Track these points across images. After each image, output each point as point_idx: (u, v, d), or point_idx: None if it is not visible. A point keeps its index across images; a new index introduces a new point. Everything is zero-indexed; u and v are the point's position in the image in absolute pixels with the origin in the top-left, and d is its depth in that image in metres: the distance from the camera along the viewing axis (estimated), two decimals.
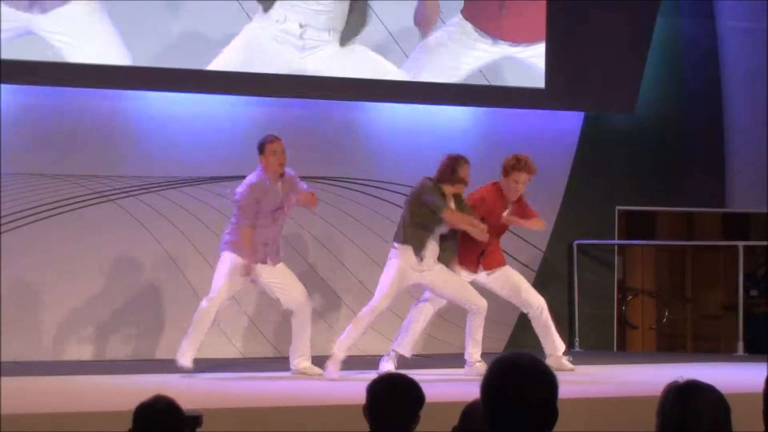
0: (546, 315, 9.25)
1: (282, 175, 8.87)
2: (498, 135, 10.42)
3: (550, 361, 8.56)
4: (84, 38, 10.45)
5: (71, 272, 10.42)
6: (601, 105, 11.80)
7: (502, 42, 11.23)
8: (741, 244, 11.59)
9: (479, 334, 9.03)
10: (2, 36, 10.02)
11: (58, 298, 10.38)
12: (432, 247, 8.92)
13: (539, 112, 11.55)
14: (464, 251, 9.10)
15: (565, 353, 9.20)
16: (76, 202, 10.46)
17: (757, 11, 12.28)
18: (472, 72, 11.28)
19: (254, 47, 10.88)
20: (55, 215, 10.40)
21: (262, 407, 7.49)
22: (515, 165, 9.04)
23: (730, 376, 7.39)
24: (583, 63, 11.51)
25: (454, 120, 11.05)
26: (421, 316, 9.06)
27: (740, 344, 11.28)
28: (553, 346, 9.12)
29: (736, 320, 11.43)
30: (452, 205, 8.93)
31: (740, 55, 12.37)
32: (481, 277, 9.25)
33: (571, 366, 8.99)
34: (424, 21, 11.01)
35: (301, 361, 8.91)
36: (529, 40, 11.31)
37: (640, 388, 7.99)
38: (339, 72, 11.00)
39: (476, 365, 8.87)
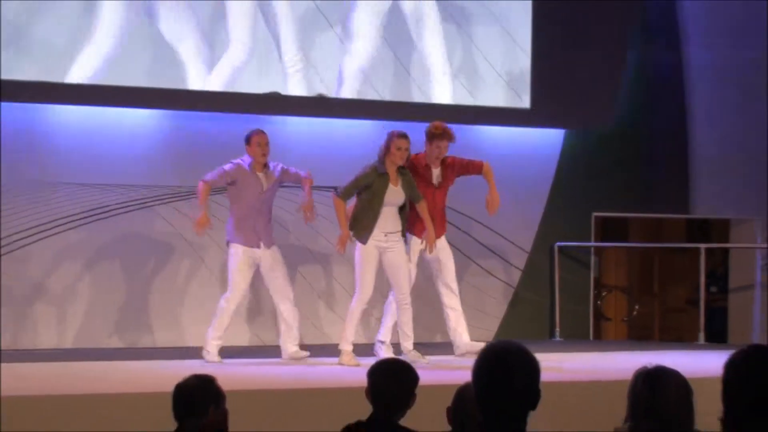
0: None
1: (265, 165, 8.78)
2: (487, 150, 10.31)
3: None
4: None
5: (113, 269, 10.35)
6: (580, 123, 11.77)
7: None
8: (703, 246, 11.54)
9: (410, 327, 8.70)
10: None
11: (102, 291, 10.30)
12: (391, 224, 8.63)
13: (525, 129, 11.52)
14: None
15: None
16: (117, 208, 10.41)
17: (717, 39, 12.31)
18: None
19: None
20: (102, 219, 10.34)
21: (277, 389, 7.44)
22: (437, 134, 8.78)
23: (693, 363, 7.35)
24: (565, 86, 11.44)
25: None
26: (393, 306, 8.80)
27: (701, 334, 11.23)
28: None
29: (698, 313, 11.36)
30: (395, 184, 8.52)
31: (702, 80, 12.33)
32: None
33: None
34: None
35: (289, 347, 8.84)
36: None
37: (614, 373, 7.97)
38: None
39: (410, 354, 8.56)
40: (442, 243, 9.00)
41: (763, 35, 12.41)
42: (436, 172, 8.91)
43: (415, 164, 8.83)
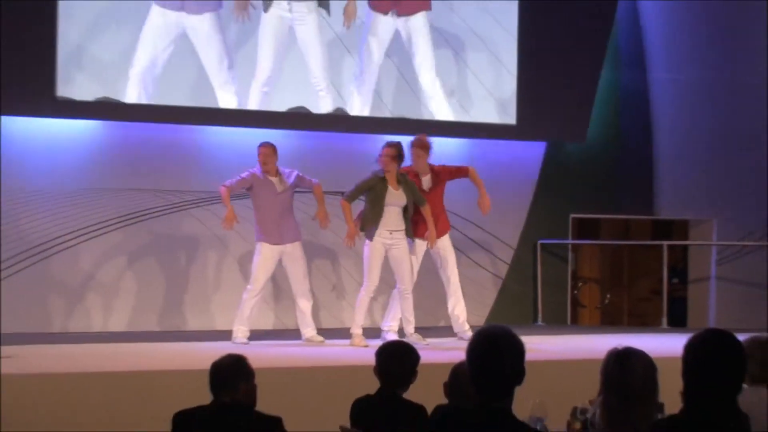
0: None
1: (278, 172, 8.72)
2: (479, 160, 10.27)
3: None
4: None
5: (151, 263, 10.36)
6: (558, 137, 11.76)
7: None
8: (665, 243, 11.65)
9: (411, 313, 8.69)
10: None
11: (142, 281, 10.30)
12: (396, 223, 8.62)
13: (512, 142, 11.49)
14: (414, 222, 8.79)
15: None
16: (158, 210, 10.43)
17: (678, 61, 12.31)
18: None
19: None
20: (142, 220, 10.37)
21: (297, 367, 7.45)
22: (412, 145, 8.76)
23: (657, 344, 7.17)
24: (545, 104, 11.40)
25: (444, 145, 10.49)
26: (396, 295, 8.80)
27: (664, 320, 11.29)
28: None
29: (661, 302, 11.43)
30: (395, 188, 8.47)
31: (665, 97, 12.31)
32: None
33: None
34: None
35: (308, 331, 8.86)
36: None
37: (588, 353, 7.98)
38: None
39: (412, 336, 8.56)
40: (444, 241, 8.99)
41: (720, 58, 12.46)
42: (425, 180, 8.89)
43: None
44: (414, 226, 8.75)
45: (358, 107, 10.86)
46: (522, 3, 11.36)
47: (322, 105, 10.70)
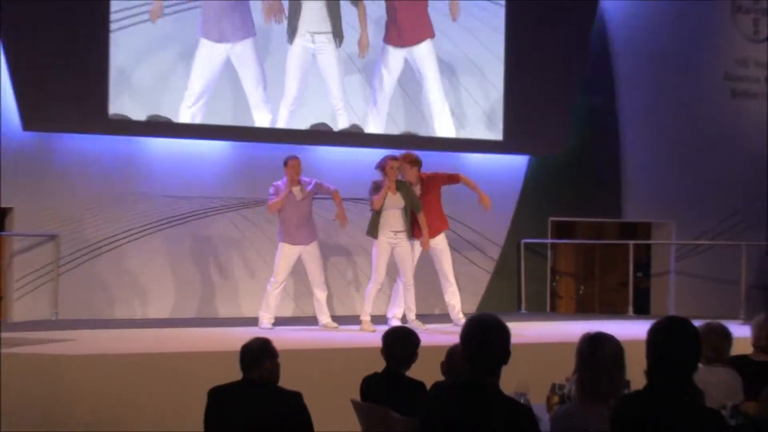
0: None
1: (298, 182, 8.72)
2: (472, 170, 10.16)
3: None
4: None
5: (191, 259, 10.37)
6: (539, 150, 11.70)
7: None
8: (631, 243, 11.57)
9: (413, 302, 8.71)
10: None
11: (182, 275, 10.31)
12: (398, 224, 8.59)
13: (499, 155, 11.48)
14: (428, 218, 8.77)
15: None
16: (195, 214, 10.42)
17: (642, 84, 12.27)
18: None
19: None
20: (186, 222, 10.37)
21: (315, 349, 7.50)
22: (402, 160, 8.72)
23: (624, 329, 7.18)
24: (528, 123, 11.38)
25: (446, 157, 10.79)
26: (400, 288, 8.84)
27: (630, 308, 11.28)
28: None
29: (628, 293, 11.41)
30: (393, 192, 8.46)
31: (631, 115, 12.24)
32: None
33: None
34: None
35: (324, 318, 8.88)
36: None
37: (565, 337, 7.95)
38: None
39: (414, 322, 8.56)
40: (440, 240, 8.95)
41: (679, 79, 12.44)
42: (416, 188, 8.85)
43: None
44: (412, 228, 8.74)
45: (373, 126, 10.87)
46: (508, 33, 11.34)
47: (340, 121, 10.72)
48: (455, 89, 11.29)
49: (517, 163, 11.73)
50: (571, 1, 11.56)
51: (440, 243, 8.98)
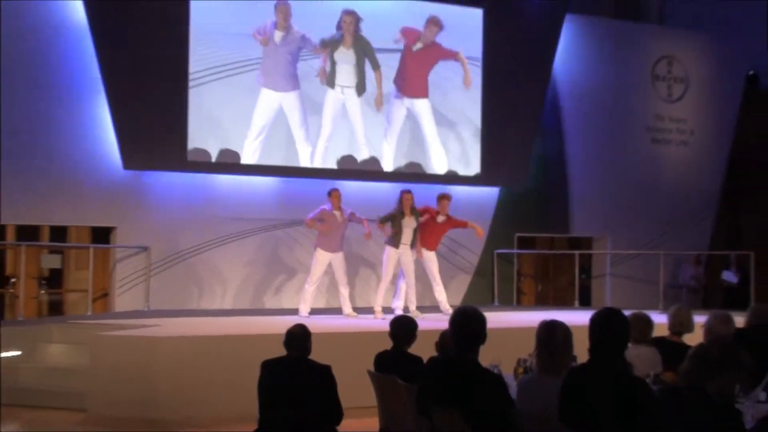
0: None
1: (339, 208, 8.72)
2: (457, 198, 10.12)
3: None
4: None
5: (249, 265, 10.27)
6: (507, 183, 11.57)
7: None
8: (577, 252, 11.53)
9: (414, 297, 8.79)
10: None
11: (244, 277, 10.23)
12: (408, 239, 8.64)
13: (477, 187, 11.36)
14: (423, 239, 8.84)
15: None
16: (255, 231, 10.38)
17: (584, 130, 12.20)
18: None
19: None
20: (243, 238, 10.30)
21: (339, 332, 7.42)
22: (443, 196, 9.04)
23: (571, 318, 7.11)
24: (498, 162, 11.31)
25: (439, 187, 10.44)
26: (403, 285, 8.86)
27: (576, 302, 11.21)
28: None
29: (574, 290, 11.33)
30: (408, 216, 8.59)
31: (576, 154, 12.15)
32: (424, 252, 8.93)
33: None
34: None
35: (346, 308, 8.79)
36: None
37: (527, 324, 7.71)
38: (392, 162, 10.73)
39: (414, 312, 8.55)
40: (429, 254, 9.00)
41: (611, 133, 12.36)
42: (441, 218, 8.98)
43: (430, 211, 9.03)
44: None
45: (386, 160, 10.80)
46: (483, 91, 11.22)
47: (362, 153, 10.66)
48: (445, 134, 11.18)
49: (490, 192, 11.66)
50: (531, 66, 11.48)
51: (431, 256, 9.05)
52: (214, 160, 9.90)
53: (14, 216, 9.31)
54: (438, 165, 11.12)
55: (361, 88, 10.61)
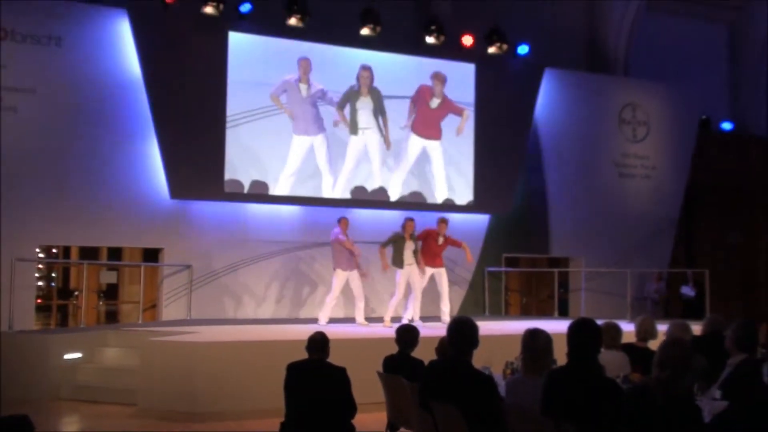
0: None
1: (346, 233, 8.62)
2: (453, 222, 9.99)
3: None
4: None
5: (277, 282, 10.17)
6: (495, 210, 11.53)
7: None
8: (556, 270, 11.47)
9: (419, 308, 8.68)
10: None
11: (271, 291, 10.15)
12: (411, 259, 8.58)
13: (470, 214, 11.33)
14: (424, 257, 8.76)
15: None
16: (282, 252, 10.29)
17: (561, 163, 12.09)
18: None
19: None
20: (271, 258, 10.22)
21: (352, 338, 7.40)
22: (442, 220, 8.89)
23: (552, 326, 7.11)
24: (489, 192, 11.30)
25: (437, 213, 10.28)
26: (411, 297, 8.76)
27: (556, 312, 11.17)
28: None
29: (554, 302, 11.29)
30: (408, 240, 8.45)
31: (554, 184, 12.10)
32: (429, 269, 8.85)
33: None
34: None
35: (360, 318, 8.71)
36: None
37: (514, 331, 7.71)
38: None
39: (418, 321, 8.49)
40: (441, 270, 8.90)
41: (585, 168, 12.34)
42: (440, 239, 8.89)
43: (430, 232, 8.90)
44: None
45: (393, 190, 10.78)
46: (476, 132, 11.22)
47: (373, 184, 10.65)
48: (446, 168, 11.19)
49: (482, 219, 11.62)
50: (516, 111, 11.48)
51: (442, 272, 8.98)
52: (246, 190, 9.92)
53: (78, 238, 9.38)
54: (437, 194, 11.13)
55: (378, 130, 10.70)
